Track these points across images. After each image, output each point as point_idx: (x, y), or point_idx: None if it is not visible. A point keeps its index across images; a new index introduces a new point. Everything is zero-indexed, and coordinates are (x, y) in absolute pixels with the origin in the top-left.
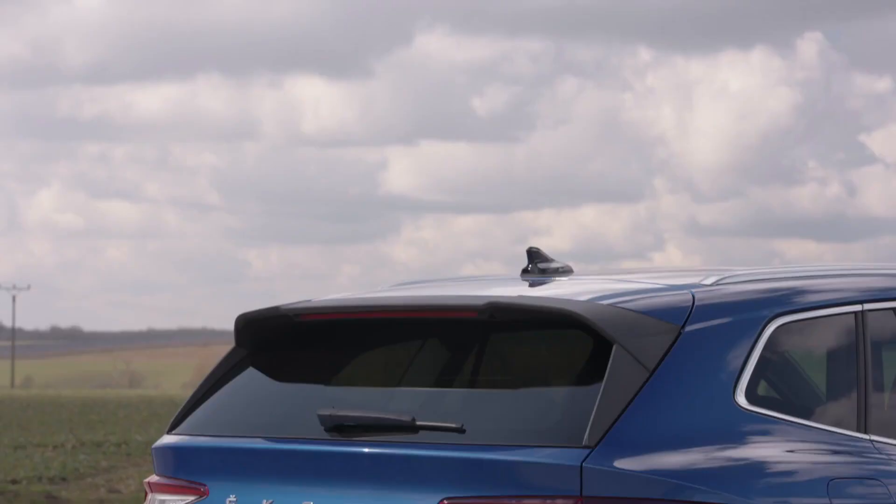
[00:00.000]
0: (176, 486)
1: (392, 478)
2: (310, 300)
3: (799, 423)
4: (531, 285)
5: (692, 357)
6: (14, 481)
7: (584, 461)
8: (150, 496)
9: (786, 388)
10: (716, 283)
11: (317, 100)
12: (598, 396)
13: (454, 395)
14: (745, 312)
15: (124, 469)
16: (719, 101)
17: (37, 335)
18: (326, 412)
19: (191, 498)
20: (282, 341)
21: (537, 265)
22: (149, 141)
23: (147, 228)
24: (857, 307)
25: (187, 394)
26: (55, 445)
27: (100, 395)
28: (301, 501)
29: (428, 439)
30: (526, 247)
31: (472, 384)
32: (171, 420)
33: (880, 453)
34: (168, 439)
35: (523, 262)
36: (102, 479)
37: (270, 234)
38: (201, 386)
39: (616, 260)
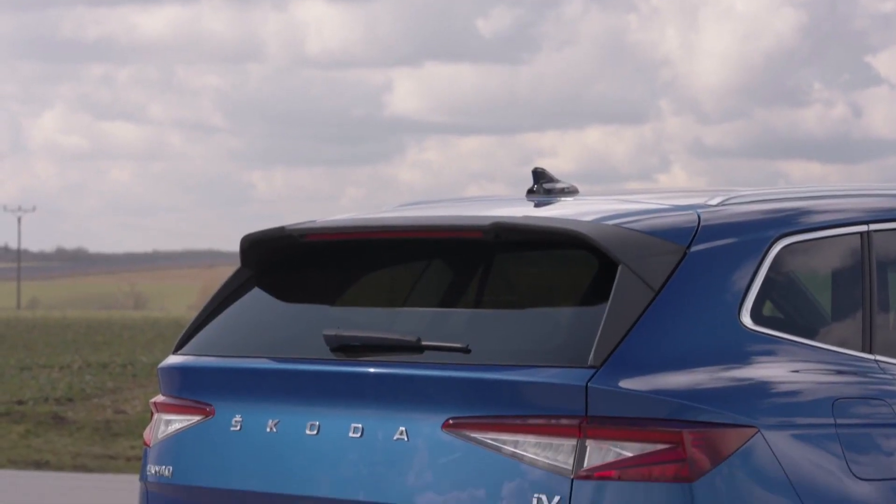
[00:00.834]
0: (182, 406)
1: (397, 397)
2: (314, 220)
3: (804, 343)
4: (536, 205)
5: (697, 277)
6: (20, 402)
7: (589, 381)
8: (155, 416)
9: (791, 308)
10: (721, 204)
11: (321, 21)
12: (604, 317)
13: (459, 315)
14: (750, 233)
15: (130, 390)
16: (724, 22)
17: (42, 257)
18: (332, 332)
19: (196, 418)
20: (287, 262)
21: (543, 185)
22: (153, 62)
23: (151, 150)
24: (863, 227)
25: (192, 315)
26: (61, 366)
27: (105, 317)
28: (306, 421)
29: (433, 359)
30: (530, 168)
31: (477, 304)
32: (177, 340)
33: (885, 373)
34: (174, 360)
35: (528, 183)
36: (108, 400)
37: (275, 156)
38: (206, 306)
39: (621, 181)
